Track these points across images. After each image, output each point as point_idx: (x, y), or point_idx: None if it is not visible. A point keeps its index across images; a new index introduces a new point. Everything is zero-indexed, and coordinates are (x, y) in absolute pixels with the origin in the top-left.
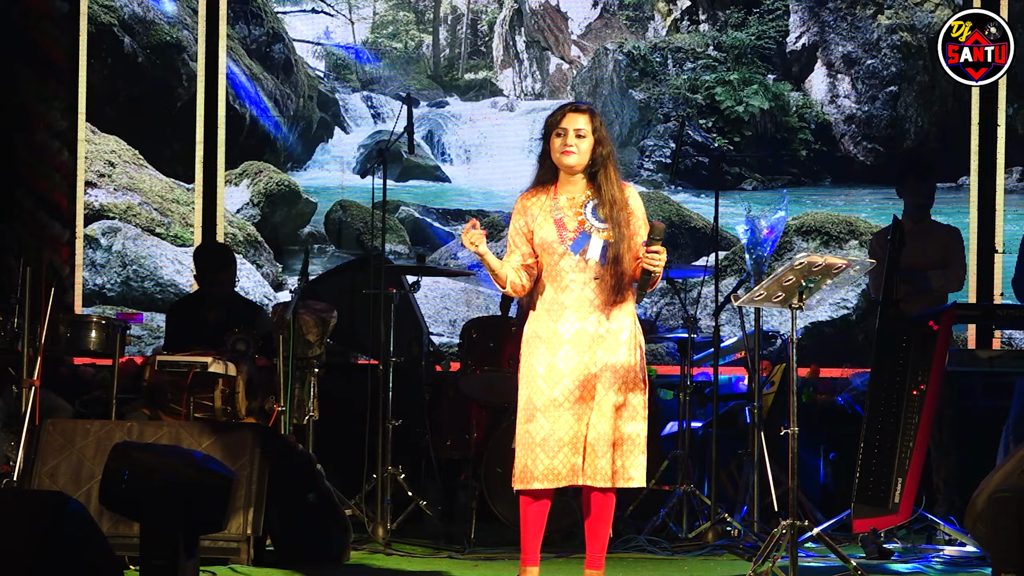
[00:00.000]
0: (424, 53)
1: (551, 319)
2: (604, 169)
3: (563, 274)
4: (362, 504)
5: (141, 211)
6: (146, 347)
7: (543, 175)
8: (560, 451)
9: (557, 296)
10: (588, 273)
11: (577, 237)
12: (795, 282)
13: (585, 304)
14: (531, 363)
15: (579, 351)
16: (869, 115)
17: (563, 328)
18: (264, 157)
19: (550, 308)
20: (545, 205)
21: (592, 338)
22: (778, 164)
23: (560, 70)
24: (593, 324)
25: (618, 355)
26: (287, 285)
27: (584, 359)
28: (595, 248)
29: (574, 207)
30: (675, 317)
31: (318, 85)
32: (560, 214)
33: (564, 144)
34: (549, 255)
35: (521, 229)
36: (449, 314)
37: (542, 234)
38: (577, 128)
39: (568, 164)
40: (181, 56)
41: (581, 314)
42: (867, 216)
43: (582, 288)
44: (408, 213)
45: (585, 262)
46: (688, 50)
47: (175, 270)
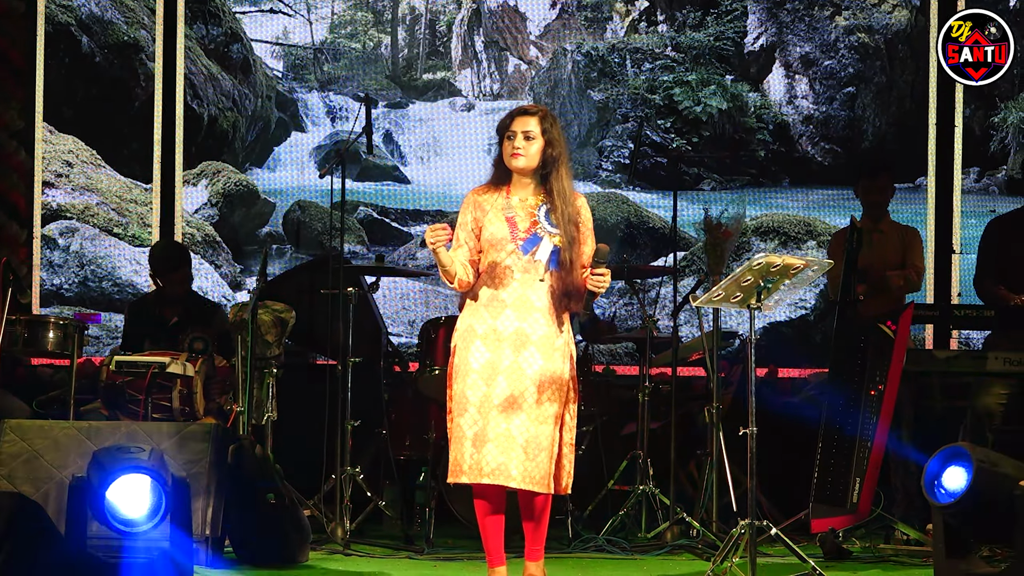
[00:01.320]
0: (383, 53)
1: (489, 315)
2: (556, 171)
3: (508, 272)
4: (321, 504)
5: (99, 211)
6: (104, 347)
7: (498, 177)
8: (484, 446)
9: (498, 293)
10: (533, 275)
11: (529, 237)
12: (753, 282)
13: (527, 304)
14: (466, 357)
15: (515, 350)
16: (827, 116)
17: (501, 325)
18: (222, 157)
19: (489, 304)
20: (497, 202)
21: (530, 339)
22: (736, 164)
23: (519, 70)
24: (532, 326)
25: (554, 361)
26: (245, 285)
27: (519, 359)
28: (545, 251)
29: (526, 208)
30: (634, 317)
31: (276, 85)
32: (512, 213)
33: (513, 147)
34: (496, 251)
35: (468, 224)
36: (408, 314)
37: (492, 229)
38: (526, 131)
39: (517, 167)
40: (139, 56)
41: (521, 314)
42: (825, 217)
43: (526, 288)
44: (367, 213)
45: (533, 264)
46: (646, 51)
47: (133, 270)
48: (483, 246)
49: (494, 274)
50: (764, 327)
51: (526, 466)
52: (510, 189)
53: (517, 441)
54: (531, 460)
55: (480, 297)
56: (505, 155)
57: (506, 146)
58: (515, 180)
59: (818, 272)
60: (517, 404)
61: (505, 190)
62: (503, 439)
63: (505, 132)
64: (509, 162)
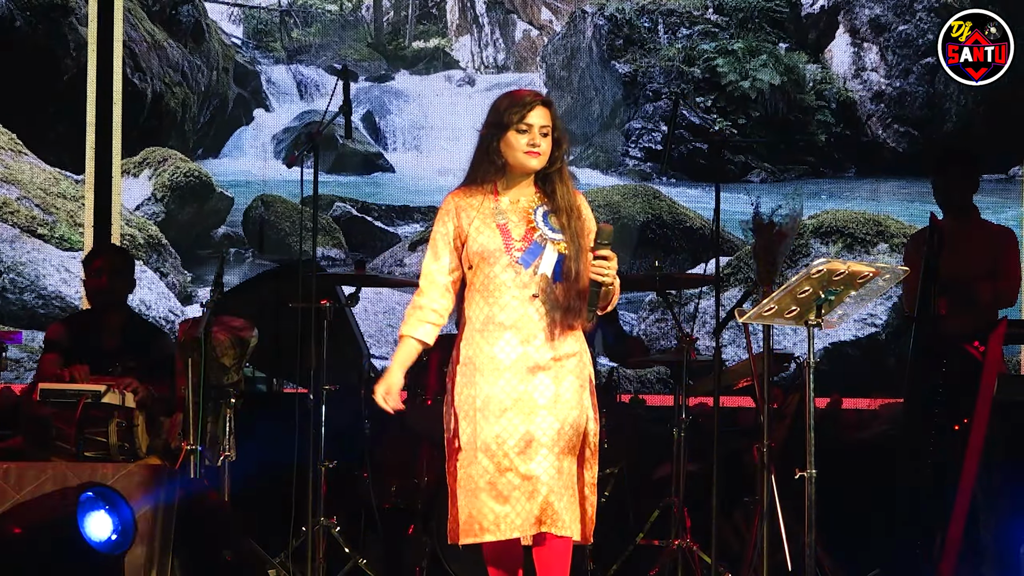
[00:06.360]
0: (364, 16)
1: (485, 341)
2: (560, 170)
3: (503, 289)
4: (289, 563)
5: (19, 207)
6: (26, 372)
7: (484, 172)
8: (511, 495)
9: (493, 315)
10: (531, 289)
11: (529, 247)
12: (812, 293)
13: (529, 325)
14: (468, 395)
15: (521, 379)
16: (901, 92)
17: (502, 353)
18: (169, 143)
19: (483, 329)
20: (484, 207)
21: (537, 365)
22: (792, 151)
23: (528, 37)
24: (537, 349)
25: (569, 387)
26: (197, 298)
27: (528, 389)
28: (548, 261)
29: (519, 211)
30: (668, 336)
31: (235, 55)
32: (504, 219)
33: (530, 143)
34: (488, 266)
35: (449, 235)
36: (394, 332)
37: (482, 241)
38: (544, 125)
39: (531, 167)
40: (68, 20)
41: (524, 336)
42: (899, 214)
43: (525, 307)
44: (344, 210)
45: (532, 277)
46: (683, 13)
47: (61, 279)
48: (472, 260)
49: (485, 292)
50: (825, 348)
51: (556, 510)
52: (497, 190)
53: (541, 482)
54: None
55: (473, 320)
56: (514, 149)
57: (516, 140)
58: (508, 178)
59: (891, 281)
60: (535, 441)
61: (491, 191)
62: (527, 484)
63: (515, 123)
64: (522, 160)
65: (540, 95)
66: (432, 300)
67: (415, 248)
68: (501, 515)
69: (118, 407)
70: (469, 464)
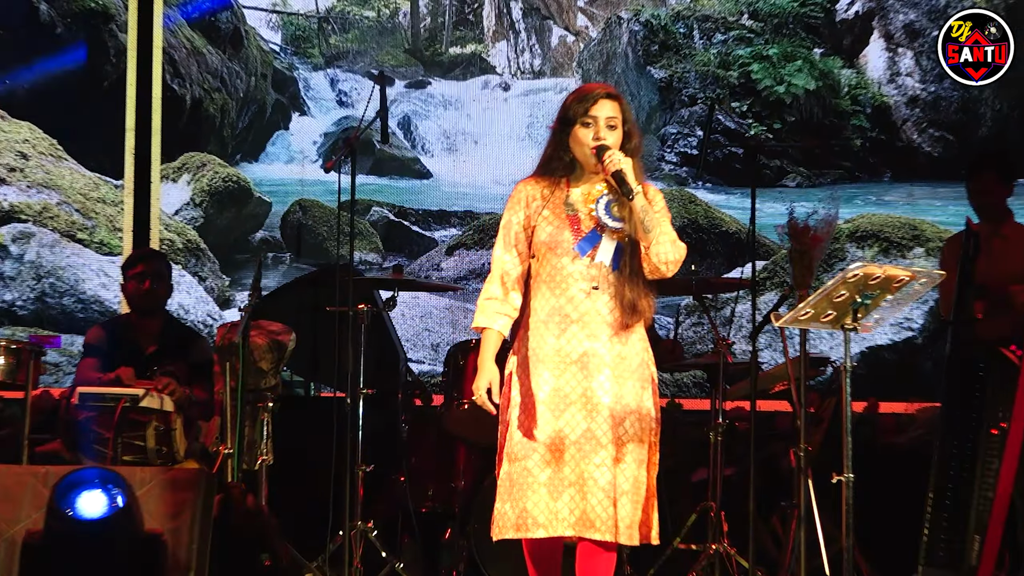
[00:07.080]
0: (400, 23)
1: (551, 334)
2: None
3: (569, 281)
4: (326, 567)
5: (60, 213)
6: (65, 376)
7: (554, 167)
8: (564, 492)
9: (561, 307)
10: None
11: (587, 235)
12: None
13: (596, 319)
14: (529, 388)
15: (587, 375)
16: (936, 97)
17: (568, 346)
18: (208, 148)
19: (548, 320)
20: (555, 198)
21: (603, 362)
22: (827, 156)
23: (564, 43)
24: (604, 345)
25: (632, 387)
26: (235, 302)
27: (592, 386)
28: (606, 250)
29: (587, 202)
30: (704, 340)
31: (273, 61)
32: (573, 211)
33: (596, 136)
34: (556, 257)
35: (520, 223)
36: (431, 336)
37: (550, 231)
38: (609, 117)
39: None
40: (108, 26)
41: (591, 331)
42: (935, 218)
43: (594, 300)
44: (381, 215)
45: (590, 267)
46: (718, 19)
47: (100, 283)
48: (539, 250)
49: (552, 284)
50: (862, 352)
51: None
52: (569, 183)
53: (599, 484)
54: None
55: (539, 311)
56: (581, 145)
57: (582, 134)
58: (579, 173)
59: (927, 285)
60: (596, 440)
61: (564, 184)
62: (583, 483)
63: (580, 117)
64: (587, 154)
65: (607, 87)
66: (506, 292)
67: (452, 252)
68: (553, 512)
69: (156, 411)
70: (524, 458)
